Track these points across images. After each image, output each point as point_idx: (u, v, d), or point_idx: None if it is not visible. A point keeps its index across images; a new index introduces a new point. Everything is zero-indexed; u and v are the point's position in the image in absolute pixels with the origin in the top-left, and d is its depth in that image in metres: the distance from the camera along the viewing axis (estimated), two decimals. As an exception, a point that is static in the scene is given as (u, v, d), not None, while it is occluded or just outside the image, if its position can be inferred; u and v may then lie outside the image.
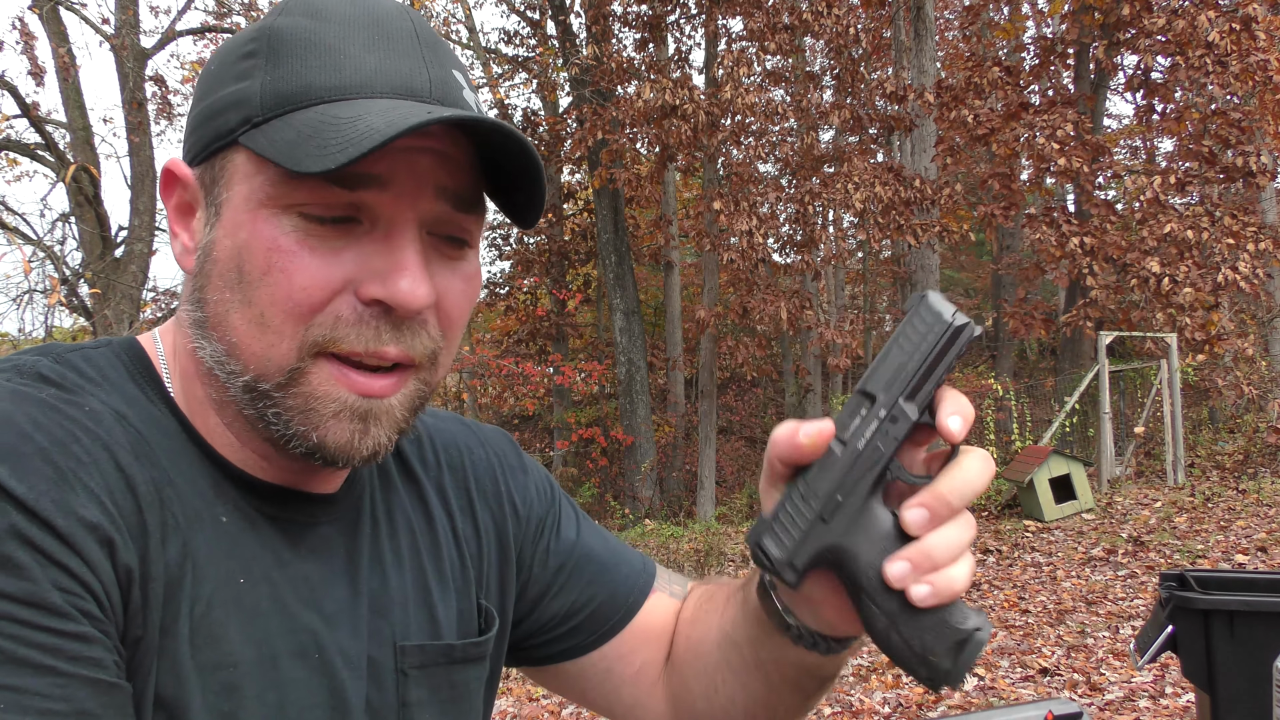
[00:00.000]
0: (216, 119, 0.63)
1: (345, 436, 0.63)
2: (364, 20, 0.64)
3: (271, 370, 0.62)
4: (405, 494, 0.80)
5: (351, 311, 0.61)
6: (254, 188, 0.61)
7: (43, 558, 0.50)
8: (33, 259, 8.21)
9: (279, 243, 0.60)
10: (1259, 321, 14.37)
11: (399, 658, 0.72)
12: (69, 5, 9.52)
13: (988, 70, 12.45)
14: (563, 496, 0.95)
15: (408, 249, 0.62)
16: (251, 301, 0.61)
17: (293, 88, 0.61)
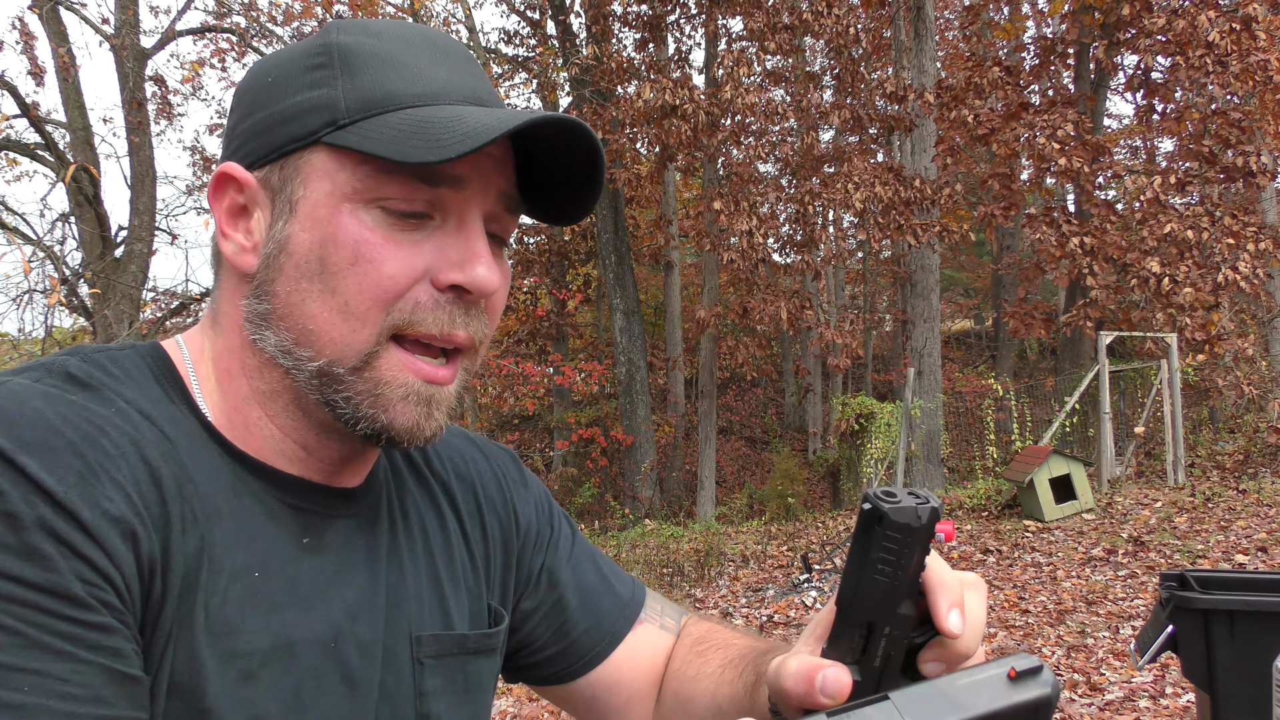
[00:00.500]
0: (290, 123, 0.67)
1: (413, 419, 0.68)
2: (419, 39, 0.70)
3: (349, 355, 0.66)
4: (418, 495, 0.84)
5: (429, 297, 0.67)
6: (337, 184, 0.65)
7: (67, 549, 0.52)
8: (33, 259, 8.21)
9: (366, 235, 0.65)
10: (1259, 321, 14.37)
11: (415, 647, 0.75)
12: (69, 5, 9.52)
13: (988, 70, 12.45)
14: (561, 515, 0.97)
15: (480, 240, 0.68)
16: (336, 290, 0.65)
17: (377, 94, 0.66)
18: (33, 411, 0.56)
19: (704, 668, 0.89)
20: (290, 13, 12.51)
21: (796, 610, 6.76)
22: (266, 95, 0.69)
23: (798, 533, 10.09)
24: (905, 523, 0.52)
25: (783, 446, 19.41)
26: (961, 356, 25.55)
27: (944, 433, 12.48)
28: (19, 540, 0.51)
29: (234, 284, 0.70)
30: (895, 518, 0.52)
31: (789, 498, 12.19)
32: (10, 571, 0.50)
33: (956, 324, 28.19)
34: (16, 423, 0.55)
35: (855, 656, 0.56)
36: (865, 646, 0.56)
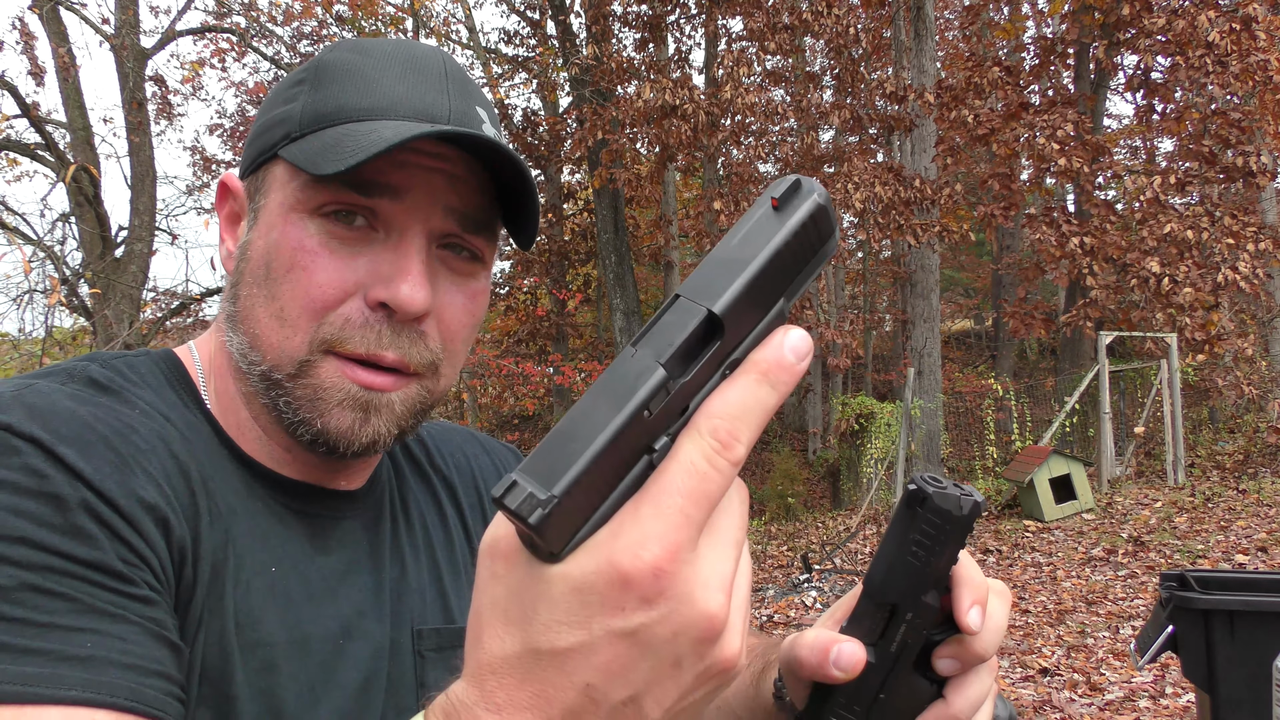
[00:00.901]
0: (264, 136, 0.71)
1: (346, 424, 0.68)
2: (401, 57, 0.72)
3: (285, 361, 0.68)
4: (419, 492, 0.86)
5: (359, 314, 0.67)
6: (287, 194, 0.68)
7: (109, 531, 0.55)
8: (33, 259, 8.21)
9: (304, 243, 0.67)
10: (1259, 321, 14.37)
11: (416, 640, 0.77)
12: (69, 5, 9.51)
13: (988, 70, 12.45)
14: None
15: (413, 257, 0.68)
16: (275, 296, 0.67)
17: (329, 108, 0.68)
18: (66, 409, 0.59)
19: None
20: (290, 13, 12.51)
21: (796, 610, 6.76)
22: (263, 109, 0.74)
23: (798, 533, 10.09)
24: (947, 509, 0.51)
25: (783, 446, 19.40)
26: (961, 356, 25.54)
27: (944, 433, 12.48)
28: (65, 520, 0.53)
29: (226, 286, 0.74)
30: (938, 502, 0.51)
31: (789, 498, 12.19)
32: (60, 548, 0.52)
33: (956, 324, 28.18)
34: (51, 418, 0.57)
35: (874, 639, 0.55)
36: (885, 630, 0.55)
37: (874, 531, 9.14)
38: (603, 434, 0.35)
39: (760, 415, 0.38)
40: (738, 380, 0.38)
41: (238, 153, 20.48)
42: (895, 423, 10.90)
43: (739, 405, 0.37)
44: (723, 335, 0.37)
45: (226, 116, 22.80)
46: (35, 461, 0.54)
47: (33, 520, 0.52)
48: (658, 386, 0.35)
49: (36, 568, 0.51)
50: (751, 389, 0.38)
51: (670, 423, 0.37)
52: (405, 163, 0.67)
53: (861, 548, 8.68)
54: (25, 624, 0.50)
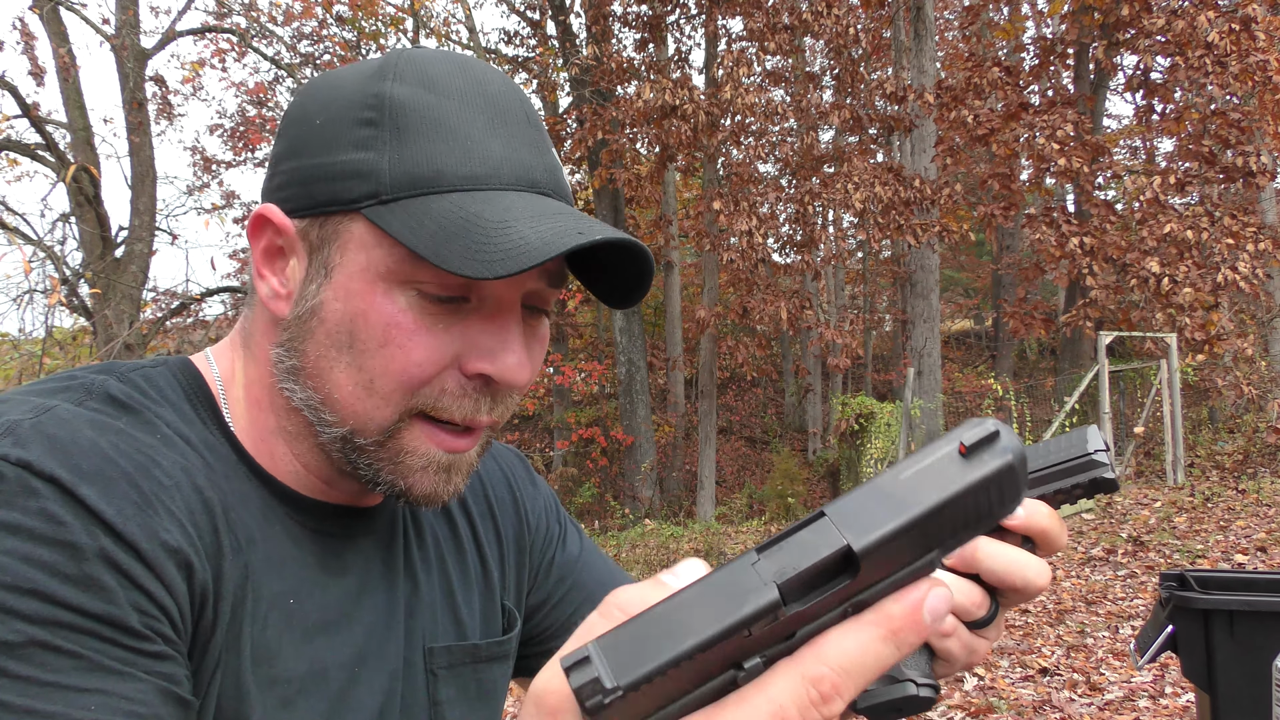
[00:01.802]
0: (334, 184, 0.64)
1: (432, 487, 0.68)
2: (480, 100, 0.66)
3: (371, 429, 0.66)
4: None
5: (456, 385, 0.66)
6: (373, 260, 0.64)
7: (127, 580, 0.53)
8: (33, 259, 8.21)
9: (397, 319, 0.63)
10: (1259, 321, 14.38)
11: (428, 659, 0.77)
12: (69, 5, 9.51)
13: (988, 70, 12.45)
14: (567, 517, 0.99)
15: (514, 329, 0.67)
16: (363, 368, 0.64)
17: (424, 171, 0.63)
18: (87, 441, 0.57)
19: None
20: (290, 13, 12.51)
21: (796, 610, 6.76)
22: (313, 140, 0.66)
23: (798, 533, 10.09)
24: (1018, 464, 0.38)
25: (783, 446, 19.41)
26: (961, 356, 25.55)
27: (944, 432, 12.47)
28: (80, 571, 0.52)
29: (267, 322, 0.70)
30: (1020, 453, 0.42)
31: (789, 498, 12.20)
32: (71, 601, 0.51)
33: (956, 324, 28.19)
34: (72, 452, 0.55)
35: None
36: None
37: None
38: (691, 641, 0.32)
39: (872, 674, 0.33)
40: (861, 629, 0.33)
41: (238, 153, 20.45)
42: (895, 423, 10.91)
43: (853, 659, 0.33)
44: (856, 575, 0.33)
45: (226, 116, 22.82)
46: (53, 507, 0.53)
47: (45, 570, 0.51)
48: (767, 609, 0.32)
49: (46, 622, 0.50)
50: (873, 644, 0.33)
51: (770, 644, 0.34)
52: None
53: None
54: (29, 682, 0.49)
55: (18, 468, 0.53)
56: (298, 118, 0.68)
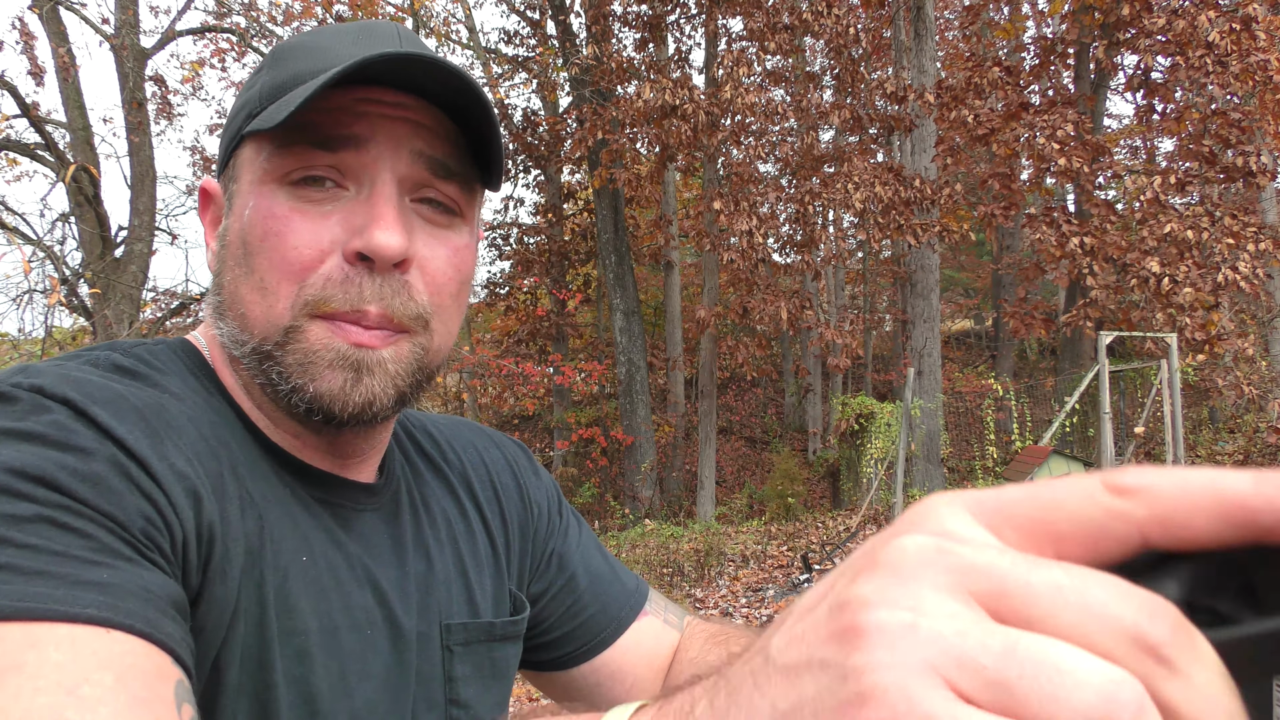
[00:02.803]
0: (231, 126, 0.72)
1: (338, 384, 0.66)
2: (355, 27, 0.72)
3: (272, 330, 0.67)
4: (436, 487, 0.86)
5: (339, 271, 0.66)
6: (254, 170, 0.68)
7: (134, 487, 0.54)
8: (33, 259, 8.21)
9: (274, 210, 0.66)
10: (1259, 321, 14.37)
11: (445, 635, 0.78)
12: (69, 5, 9.51)
13: (988, 70, 12.45)
14: (567, 505, 1.00)
15: (386, 203, 0.67)
16: (253, 269, 0.67)
17: (282, 80, 0.69)
18: (97, 380, 0.59)
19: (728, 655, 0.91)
20: (290, 13, 12.51)
21: (796, 610, 6.76)
22: (231, 108, 0.74)
23: (798, 533, 10.09)
24: None
25: (783, 446, 19.40)
26: (961, 356, 25.54)
27: (944, 433, 12.48)
28: (89, 468, 0.52)
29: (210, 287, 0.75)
30: None
31: (789, 498, 12.20)
32: (80, 493, 0.51)
33: (956, 324, 28.18)
34: (83, 384, 0.57)
35: None
36: None
37: (874, 531, 9.15)
38: None
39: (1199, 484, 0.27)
40: None
41: (238, 153, 20.46)
42: (895, 423, 10.90)
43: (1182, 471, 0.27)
44: None
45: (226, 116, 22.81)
46: (65, 419, 0.53)
47: (55, 465, 0.51)
48: None
49: (54, 505, 0.50)
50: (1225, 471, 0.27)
51: None
52: (365, 113, 0.67)
53: (861, 548, 8.69)
54: (38, 550, 0.48)
55: (30, 392, 0.55)
56: None
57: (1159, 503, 0.27)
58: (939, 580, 0.26)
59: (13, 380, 0.55)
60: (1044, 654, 0.24)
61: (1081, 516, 0.28)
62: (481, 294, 20.15)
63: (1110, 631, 0.25)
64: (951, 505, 0.29)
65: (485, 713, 0.80)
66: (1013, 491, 0.29)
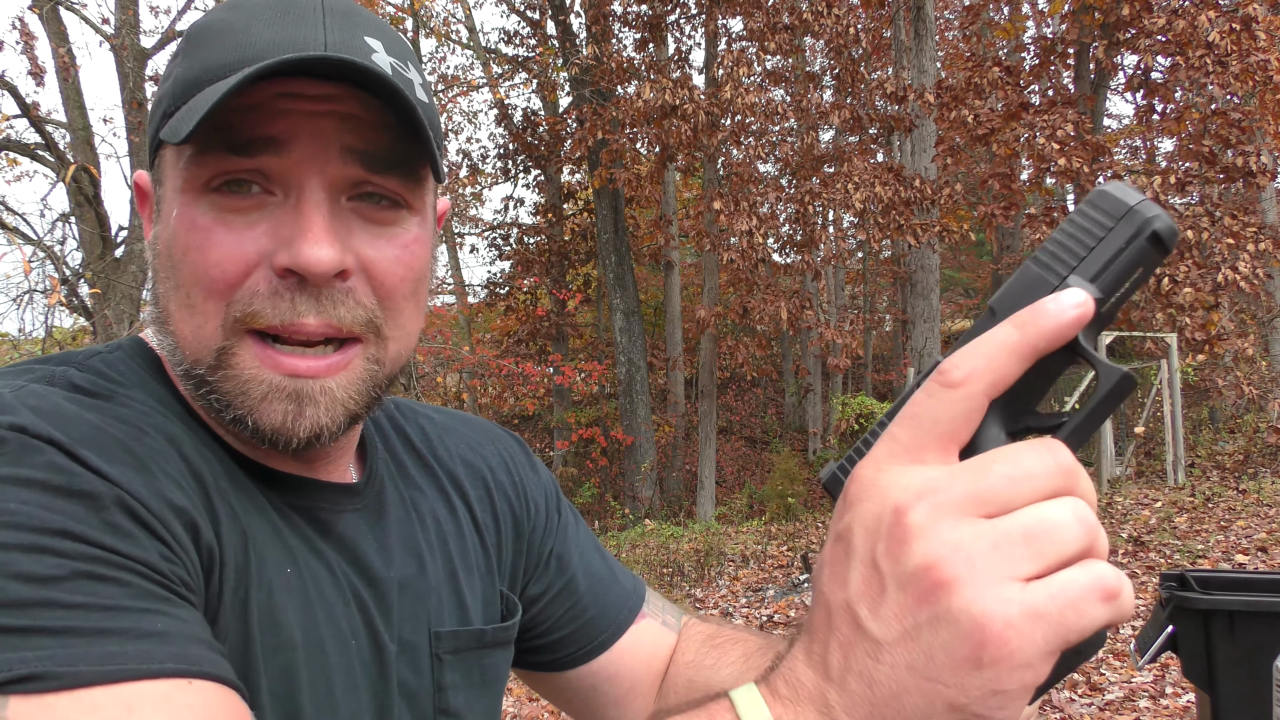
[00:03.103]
0: (151, 123, 0.66)
1: (279, 419, 0.62)
2: (273, 3, 0.64)
3: (204, 352, 0.62)
4: (425, 487, 0.82)
5: (267, 285, 0.61)
6: (176, 175, 0.63)
7: (145, 529, 0.53)
8: (33, 259, 8.21)
9: (196, 222, 0.61)
10: (1259, 321, 14.37)
11: (434, 643, 0.75)
12: (69, 5, 9.52)
13: (988, 70, 12.45)
14: (568, 505, 0.97)
15: (312, 212, 0.61)
16: (179, 284, 0.62)
17: (195, 74, 0.62)
18: (72, 413, 0.56)
19: (723, 658, 0.90)
20: (290, 13, 12.52)
21: (797, 610, 6.76)
22: (154, 95, 0.69)
23: (798, 533, 10.09)
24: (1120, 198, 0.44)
25: (783, 446, 19.40)
26: (961, 356, 25.50)
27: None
28: (101, 519, 0.50)
29: None
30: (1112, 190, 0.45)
31: (789, 498, 12.20)
32: (104, 542, 0.50)
33: (956, 324, 28.18)
34: (61, 420, 0.54)
35: None
36: None
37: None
38: None
39: (992, 347, 0.41)
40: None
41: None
42: (895, 423, 10.89)
43: (970, 344, 0.42)
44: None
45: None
46: (60, 460, 0.51)
47: (69, 516, 0.49)
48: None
49: (84, 557, 0.48)
50: (989, 331, 0.42)
51: None
52: (286, 110, 0.60)
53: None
54: (89, 608, 0.47)
55: (14, 431, 0.52)
56: None
57: (985, 377, 0.41)
58: (952, 523, 0.38)
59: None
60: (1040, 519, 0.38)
61: (954, 415, 0.41)
62: (481, 294, 20.16)
63: (1051, 480, 0.39)
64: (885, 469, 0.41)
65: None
66: (901, 430, 0.42)
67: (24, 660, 0.44)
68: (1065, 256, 0.44)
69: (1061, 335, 0.41)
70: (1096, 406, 0.43)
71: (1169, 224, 0.44)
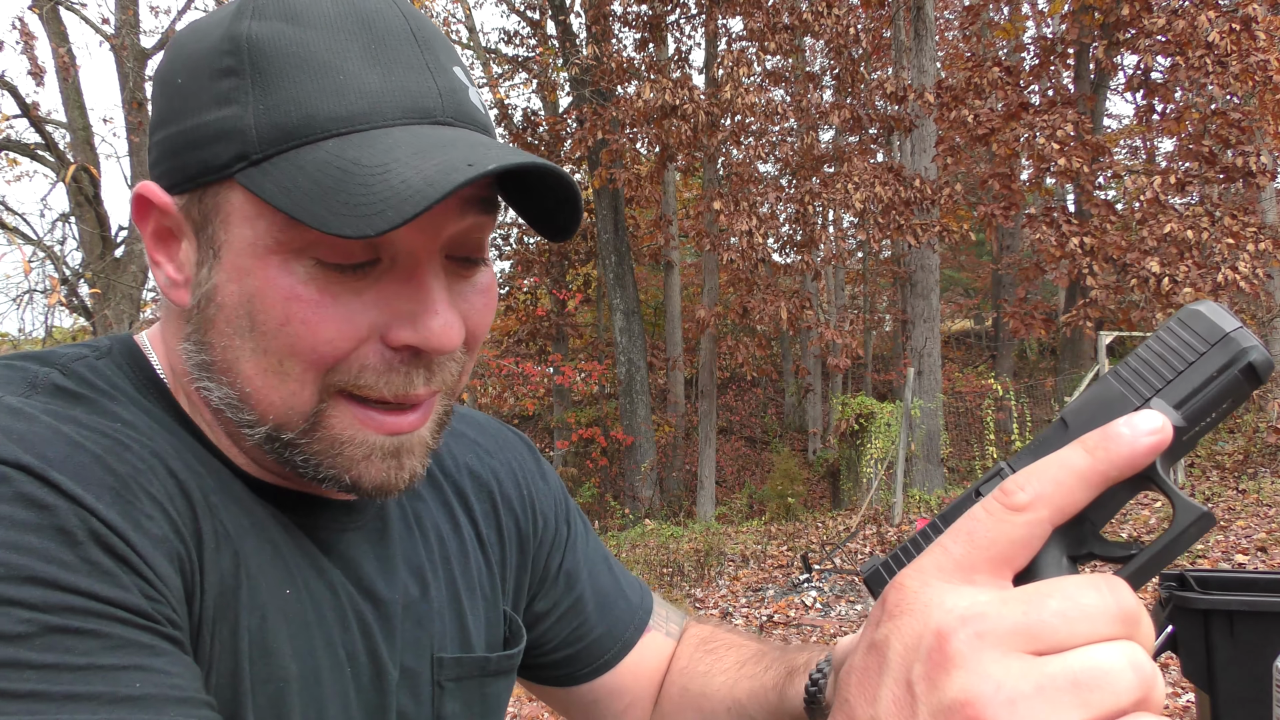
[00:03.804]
0: (202, 149, 0.57)
1: (381, 476, 0.61)
2: (353, 23, 0.57)
3: (294, 418, 0.59)
4: (430, 501, 0.79)
5: (379, 359, 0.58)
6: (259, 232, 0.56)
7: (124, 565, 0.49)
8: (33, 259, 8.22)
9: (296, 292, 0.56)
10: (1259, 321, 14.37)
11: (436, 670, 0.72)
12: (69, 5, 9.52)
13: (988, 70, 12.45)
14: (577, 512, 0.94)
15: (434, 286, 0.58)
16: (268, 350, 0.57)
17: (292, 120, 0.55)
18: (47, 428, 0.51)
19: (717, 664, 0.89)
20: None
21: (796, 610, 6.77)
22: (178, 103, 0.59)
23: (798, 533, 10.09)
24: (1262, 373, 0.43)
25: (783, 446, 19.41)
26: (961, 356, 25.54)
27: (944, 433, 12.48)
28: (77, 556, 0.47)
29: (173, 314, 0.63)
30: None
31: (789, 498, 12.20)
32: (79, 586, 0.46)
33: (956, 324, 28.18)
34: (35, 441, 0.50)
35: None
36: None
37: (873, 531, 9.14)
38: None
39: (1060, 471, 0.39)
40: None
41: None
42: (895, 423, 10.90)
43: (1038, 465, 0.40)
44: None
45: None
46: (31, 490, 0.47)
47: (39, 557, 0.45)
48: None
49: (55, 608, 0.44)
50: (1059, 452, 0.40)
51: None
52: None
53: (861, 548, 8.69)
54: (59, 669, 0.43)
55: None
56: (163, 79, 0.61)
57: (1051, 503, 0.38)
58: (997, 656, 0.35)
59: None
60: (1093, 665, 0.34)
61: (1014, 539, 0.38)
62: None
63: (1110, 623, 0.36)
64: (931, 583, 0.39)
65: None
66: (954, 544, 0.39)
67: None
68: (1150, 377, 0.43)
69: (1135, 464, 0.39)
70: (1170, 545, 0.41)
71: (1265, 357, 0.42)
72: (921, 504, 10.18)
